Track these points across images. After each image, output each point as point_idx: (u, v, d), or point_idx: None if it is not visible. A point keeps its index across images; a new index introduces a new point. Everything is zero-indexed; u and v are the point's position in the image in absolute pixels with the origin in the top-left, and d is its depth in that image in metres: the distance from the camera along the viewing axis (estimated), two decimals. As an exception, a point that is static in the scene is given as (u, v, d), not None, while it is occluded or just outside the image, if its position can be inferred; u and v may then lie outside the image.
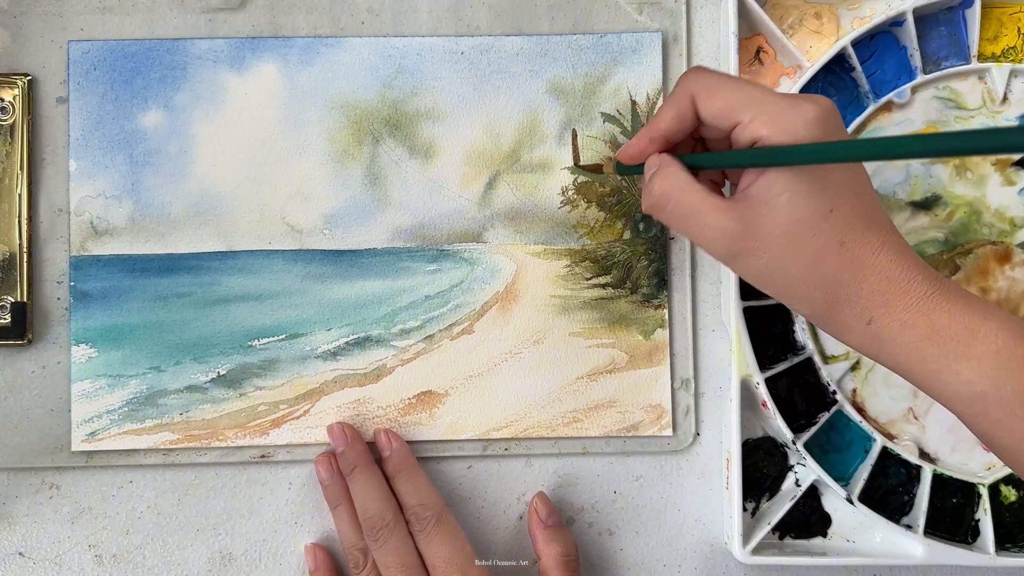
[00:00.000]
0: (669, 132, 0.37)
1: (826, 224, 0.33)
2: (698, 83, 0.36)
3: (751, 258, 0.34)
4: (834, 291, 0.34)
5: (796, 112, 0.33)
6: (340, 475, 0.44)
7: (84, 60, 0.45)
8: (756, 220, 0.34)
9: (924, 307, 0.33)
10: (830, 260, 0.34)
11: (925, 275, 0.34)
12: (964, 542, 0.45)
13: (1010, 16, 0.46)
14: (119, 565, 0.45)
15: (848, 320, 0.34)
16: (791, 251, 0.34)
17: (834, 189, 0.34)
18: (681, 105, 0.36)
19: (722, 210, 0.34)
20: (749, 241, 0.34)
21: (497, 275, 0.45)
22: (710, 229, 0.35)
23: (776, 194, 0.34)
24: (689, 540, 0.46)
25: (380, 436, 0.44)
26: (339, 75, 0.45)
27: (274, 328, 0.45)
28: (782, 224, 0.34)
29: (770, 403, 0.44)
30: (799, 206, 0.33)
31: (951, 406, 0.34)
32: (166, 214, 0.45)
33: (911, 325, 0.33)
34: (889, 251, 0.34)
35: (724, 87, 0.35)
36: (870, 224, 0.34)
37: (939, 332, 0.33)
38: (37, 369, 0.44)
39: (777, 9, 0.46)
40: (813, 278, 0.34)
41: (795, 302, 0.35)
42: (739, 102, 0.34)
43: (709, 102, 0.35)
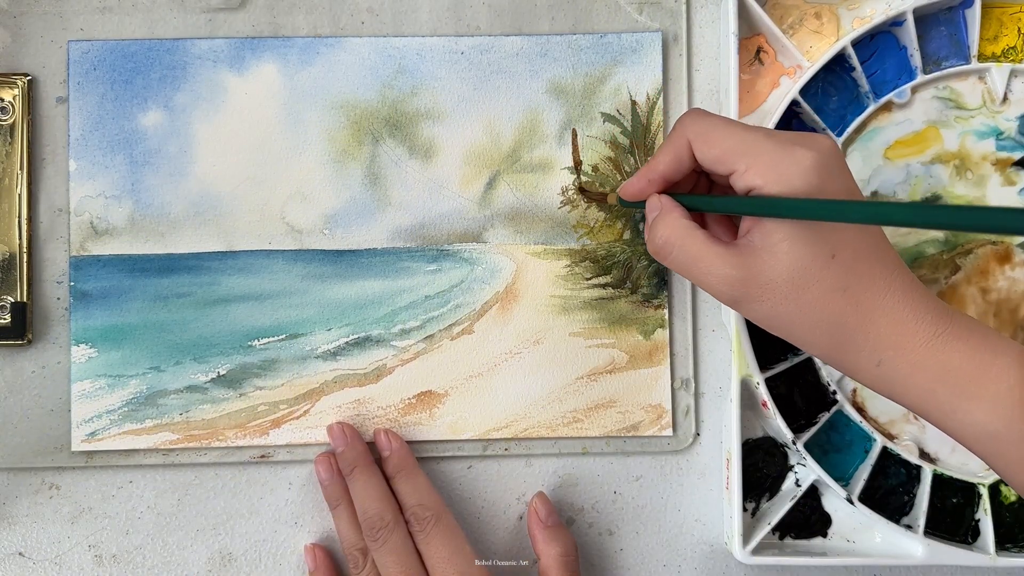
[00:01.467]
0: (667, 174, 0.37)
1: (828, 271, 0.33)
2: (694, 129, 0.36)
3: (755, 304, 0.34)
4: (840, 335, 0.34)
5: (791, 160, 0.33)
6: (340, 475, 0.44)
7: (84, 60, 0.45)
8: (758, 267, 0.34)
9: (934, 347, 0.33)
10: (834, 305, 0.33)
11: (935, 314, 0.33)
12: (964, 542, 0.45)
13: (1010, 16, 0.46)
14: (119, 565, 0.45)
15: (857, 362, 0.34)
16: (794, 297, 0.34)
17: (835, 235, 0.34)
18: (678, 149, 0.37)
19: (723, 257, 0.35)
20: (752, 288, 0.34)
21: (497, 275, 0.45)
22: (712, 276, 0.35)
23: (776, 241, 0.34)
24: (689, 540, 0.46)
25: (380, 436, 0.44)
26: (339, 75, 0.45)
27: (274, 328, 0.45)
28: (783, 271, 0.34)
29: (770, 403, 0.43)
30: (800, 253, 0.33)
31: (966, 444, 0.34)
32: (166, 214, 0.45)
33: (921, 367, 0.33)
34: (895, 292, 0.34)
35: (720, 133, 0.35)
36: (874, 266, 0.34)
37: (950, 373, 0.33)
38: (37, 369, 0.44)
39: (777, 9, 0.46)
40: (818, 323, 0.34)
41: (803, 345, 0.35)
42: (734, 150, 0.34)
43: (705, 148, 0.36)
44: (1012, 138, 0.46)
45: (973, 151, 0.46)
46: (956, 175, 0.46)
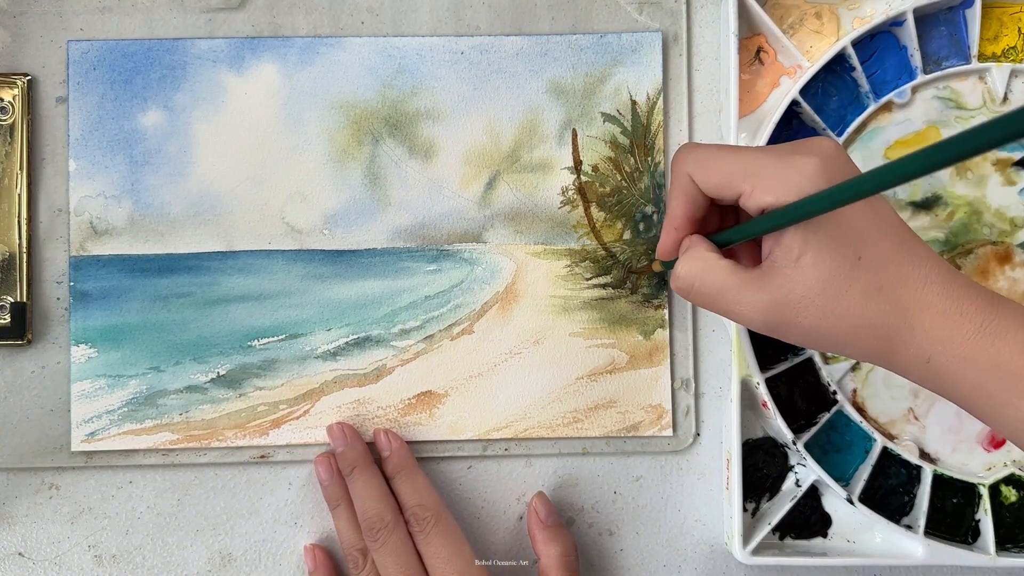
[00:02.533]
0: (687, 215, 0.37)
1: (857, 273, 0.33)
2: (692, 163, 0.36)
3: (792, 326, 0.34)
4: (885, 335, 0.33)
5: (794, 170, 0.33)
6: (339, 475, 0.43)
7: (84, 60, 0.45)
8: (787, 286, 0.33)
9: (982, 340, 0.32)
10: (872, 307, 0.33)
11: (979, 303, 0.33)
12: (964, 542, 0.45)
13: (1010, 16, 0.46)
14: (119, 565, 0.45)
15: (906, 361, 0.34)
16: (830, 308, 0.33)
17: (856, 235, 0.33)
18: (685, 187, 0.36)
19: (749, 283, 0.34)
20: (787, 310, 0.33)
21: (497, 275, 0.45)
22: (741, 305, 0.34)
23: (798, 255, 0.33)
24: (689, 540, 0.46)
25: (380, 436, 0.44)
26: (339, 75, 0.45)
27: (274, 328, 0.45)
28: (812, 284, 0.33)
29: (770, 403, 0.43)
30: (824, 262, 0.33)
31: (1018, 442, 0.33)
32: (166, 214, 0.45)
33: (971, 361, 0.32)
34: (933, 284, 0.33)
35: (717, 161, 0.35)
36: (904, 260, 0.33)
37: (1000, 368, 0.32)
38: (37, 369, 0.44)
39: (777, 9, 0.46)
40: (860, 328, 0.33)
41: (850, 353, 0.34)
42: (735, 173, 0.34)
43: (706, 179, 0.35)
44: (1012, 138, 0.46)
45: (973, 151, 0.46)
46: (956, 175, 0.46)
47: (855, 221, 0.33)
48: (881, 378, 0.45)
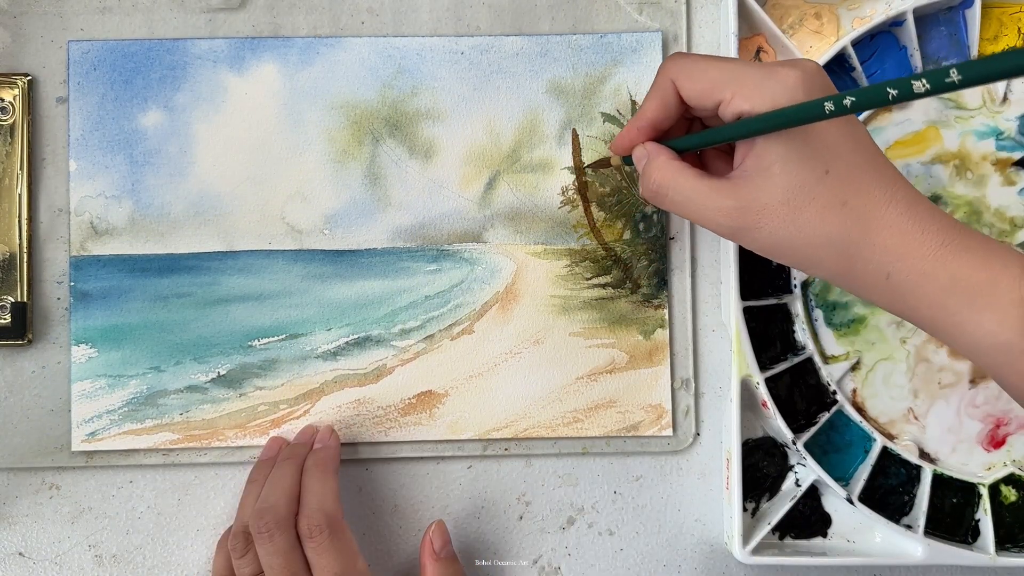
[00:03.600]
0: (656, 120, 0.37)
1: (823, 186, 0.33)
2: (677, 68, 0.36)
3: (754, 232, 0.34)
4: (846, 250, 0.34)
5: (774, 80, 0.33)
6: (273, 460, 0.43)
7: (84, 60, 0.45)
8: (753, 194, 0.34)
9: (942, 257, 0.33)
10: (834, 220, 0.33)
11: (940, 224, 0.33)
12: (964, 542, 0.45)
13: (1010, 16, 0.46)
14: (119, 565, 0.45)
15: (866, 277, 0.34)
16: (792, 217, 0.34)
17: (827, 150, 0.33)
18: (663, 92, 0.37)
19: (717, 190, 0.35)
20: (750, 216, 0.34)
21: (497, 275, 0.45)
22: (708, 210, 0.35)
23: (768, 164, 0.34)
24: (689, 540, 0.46)
25: (324, 430, 0.44)
26: (339, 75, 0.45)
27: (274, 328, 0.45)
28: (778, 193, 0.34)
29: (770, 403, 0.44)
30: (792, 172, 0.33)
31: (975, 358, 0.33)
32: (166, 214, 0.45)
33: (931, 277, 0.33)
34: (898, 204, 0.33)
35: (702, 68, 0.35)
36: (872, 179, 0.34)
37: (959, 283, 0.32)
38: (37, 369, 0.44)
39: (777, 9, 0.46)
40: (820, 241, 0.34)
41: (809, 267, 0.35)
42: (718, 81, 0.35)
43: (689, 85, 0.36)
44: (1012, 138, 0.46)
45: (973, 151, 0.46)
46: (956, 175, 0.46)
47: (827, 136, 0.34)
48: (881, 378, 0.45)
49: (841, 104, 0.30)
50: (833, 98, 0.30)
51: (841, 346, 0.45)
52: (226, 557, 0.41)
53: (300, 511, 0.40)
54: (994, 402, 0.45)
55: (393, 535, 0.45)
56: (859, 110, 0.30)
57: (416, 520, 0.45)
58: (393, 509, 0.45)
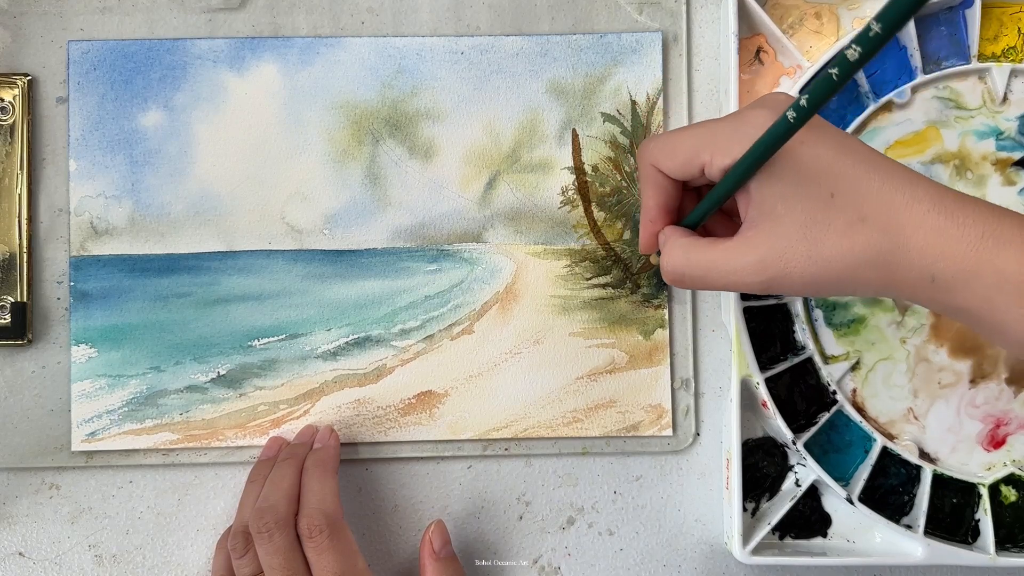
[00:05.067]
0: (661, 205, 0.37)
1: (834, 210, 0.32)
2: (653, 151, 0.36)
3: (786, 279, 0.33)
4: (881, 264, 0.32)
5: (746, 125, 0.33)
6: (273, 460, 0.43)
7: (84, 60, 0.45)
8: (768, 241, 0.33)
9: (984, 251, 0.31)
10: (860, 239, 0.32)
11: (974, 214, 0.32)
12: (964, 542, 0.45)
13: (1010, 16, 0.46)
14: (119, 565, 0.45)
15: (910, 284, 0.32)
16: (815, 252, 0.32)
17: (822, 173, 0.32)
18: (652, 179, 0.37)
19: (733, 251, 0.34)
20: (773, 265, 0.33)
21: (497, 275, 0.45)
22: (733, 274, 0.34)
23: (771, 207, 0.33)
24: (689, 540, 0.46)
25: (324, 430, 0.44)
26: (339, 75, 0.45)
27: (274, 328, 0.45)
28: (792, 232, 0.33)
29: (770, 403, 0.44)
30: (797, 207, 0.32)
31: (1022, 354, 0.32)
32: (166, 214, 0.45)
33: (976, 274, 0.31)
34: (921, 203, 0.32)
35: (674, 142, 0.35)
36: (883, 186, 0.32)
37: (1007, 278, 0.31)
38: (37, 369, 0.44)
39: (777, 9, 0.46)
40: (854, 263, 0.32)
41: (855, 292, 0.34)
42: (693, 147, 0.35)
43: (669, 163, 0.36)
44: (1012, 138, 0.46)
45: (973, 151, 0.46)
46: (956, 175, 0.46)
47: (819, 160, 0.33)
48: (881, 378, 0.45)
49: (799, 106, 0.29)
50: (791, 106, 0.29)
51: (841, 346, 0.45)
52: (226, 557, 0.41)
53: (300, 511, 0.40)
54: (994, 402, 0.45)
55: (393, 535, 0.45)
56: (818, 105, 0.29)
57: (416, 520, 0.45)
58: (393, 509, 0.45)
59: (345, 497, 0.45)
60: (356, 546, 0.40)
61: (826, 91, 0.28)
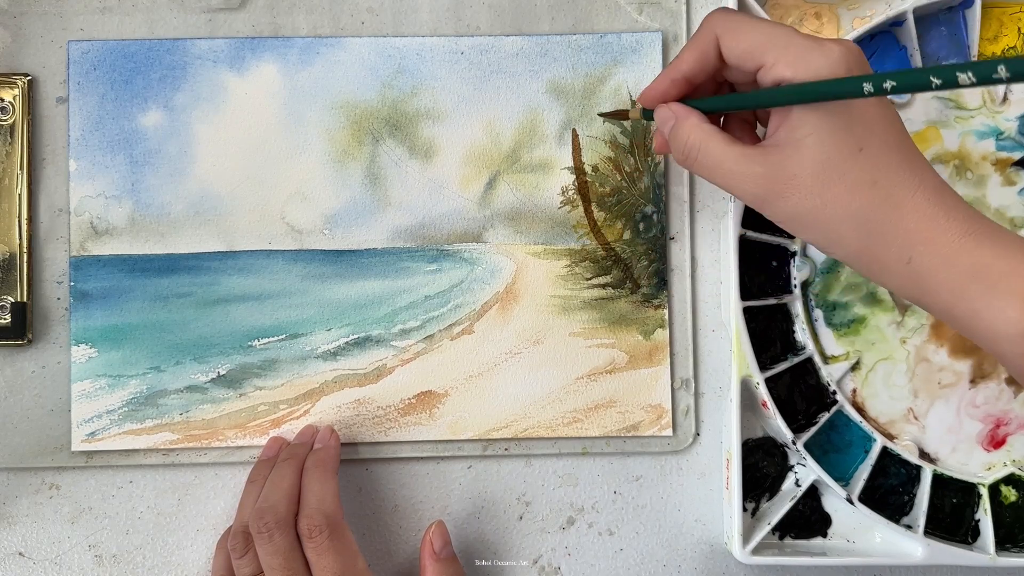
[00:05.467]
0: (691, 73, 0.37)
1: (855, 163, 0.33)
2: (723, 24, 0.36)
3: (780, 201, 0.34)
4: (868, 230, 0.33)
5: (819, 52, 0.33)
6: (273, 460, 0.42)
7: (84, 60, 0.45)
8: (783, 163, 0.34)
9: (965, 244, 0.33)
10: (863, 199, 0.33)
11: (965, 213, 0.33)
12: (964, 542, 0.45)
13: (1010, 16, 0.46)
14: (119, 565, 0.45)
15: (886, 259, 0.34)
16: (820, 191, 0.33)
17: (863, 128, 0.33)
18: (704, 46, 0.36)
19: (748, 156, 0.35)
20: (777, 184, 0.34)
21: (497, 275, 0.45)
22: (736, 176, 0.35)
23: (803, 135, 0.33)
24: (689, 540, 0.46)
25: (324, 430, 0.44)
26: (339, 75, 0.45)
27: (274, 328, 0.45)
28: (809, 165, 0.33)
29: (770, 403, 0.44)
30: (826, 145, 0.33)
31: (992, 346, 0.33)
32: (166, 214, 0.45)
33: (952, 263, 0.33)
34: (926, 190, 0.33)
35: (749, 28, 0.35)
36: (903, 162, 0.34)
37: (981, 270, 0.32)
38: (37, 369, 0.44)
39: (777, 9, 0.46)
40: (845, 217, 0.33)
41: (830, 244, 0.35)
42: (763, 44, 0.34)
43: (734, 43, 0.35)
44: (1012, 138, 0.46)
45: (973, 151, 0.46)
46: (956, 175, 0.46)
47: (865, 114, 0.33)
48: (881, 378, 0.45)
49: (880, 86, 0.30)
50: (873, 78, 0.30)
51: (841, 346, 0.45)
52: (226, 557, 0.41)
53: (300, 511, 0.40)
54: (994, 402, 0.45)
55: (393, 535, 0.45)
56: (897, 93, 0.30)
57: (416, 520, 0.45)
58: (393, 509, 0.45)
59: (345, 497, 0.45)
60: (356, 546, 0.40)
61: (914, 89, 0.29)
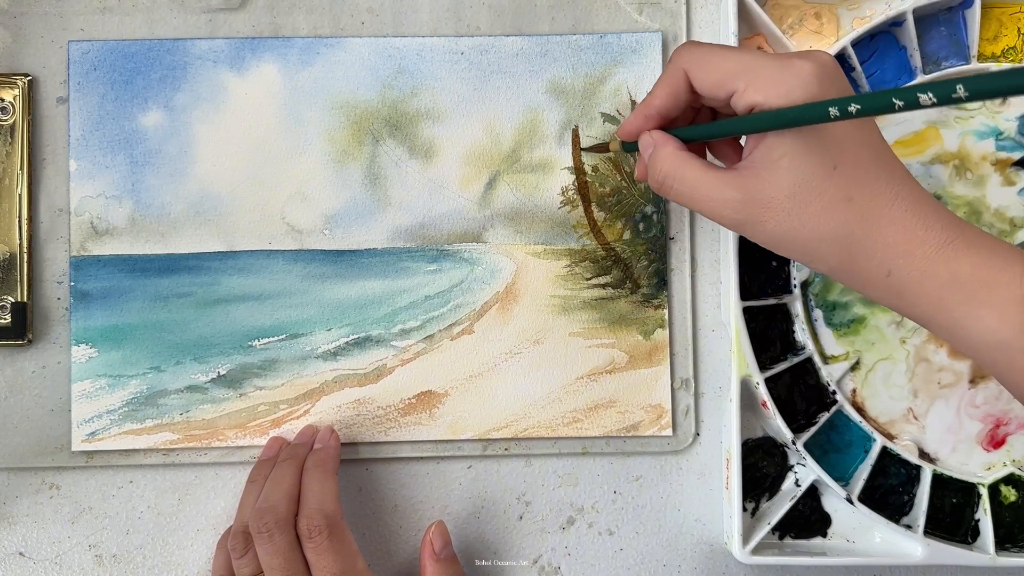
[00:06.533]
0: (664, 108, 0.37)
1: (830, 181, 0.33)
2: (690, 57, 0.36)
3: (759, 225, 0.34)
4: (849, 246, 0.34)
5: (789, 73, 0.33)
6: (273, 460, 0.43)
7: (84, 60, 0.45)
8: (759, 186, 0.34)
9: (944, 255, 0.33)
10: (840, 216, 0.33)
11: (944, 222, 0.33)
12: (964, 542, 0.45)
13: (1010, 16, 0.46)
14: (119, 565, 0.45)
15: (867, 273, 0.34)
16: (798, 212, 0.34)
17: (836, 146, 0.33)
18: (674, 81, 0.36)
19: (723, 180, 0.35)
20: (754, 208, 0.34)
21: (497, 275, 0.46)
22: (713, 201, 0.35)
23: (777, 157, 0.34)
24: (689, 540, 0.46)
25: (324, 430, 0.44)
26: (339, 75, 0.45)
27: (274, 328, 0.45)
28: (785, 187, 0.34)
29: (770, 403, 0.44)
30: (801, 168, 0.33)
31: (975, 355, 0.34)
32: (166, 214, 0.45)
33: (931, 275, 0.33)
34: (903, 201, 0.34)
35: (716, 58, 0.35)
36: (879, 176, 0.34)
37: (960, 279, 0.33)
38: (37, 369, 0.44)
39: (777, 9, 0.46)
40: (825, 236, 0.34)
41: (811, 262, 0.35)
42: (732, 71, 0.34)
43: (702, 75, 0.35)
44: (1012, 138, 0.46)
45: (973, 151, 0.46)
46: (956, 175, 0.46)
47: (838, 131, 0.34)
48: (881, 378, 0.45)
49: (846, 111, 0.30)
50: (838, 103, 0.30)
51: (841, 346, 0.45)
52: (226, 557, 0.41)
53: (300, 511, 0.40)
54: (994, 402, 0.45)
55: (393, 535, 0.45)
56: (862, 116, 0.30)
57: (416, 520, 0.45)
58: (393, 509, 0.45)
59: (345, 497, 0.45)
60: (356, 547, 0.40)
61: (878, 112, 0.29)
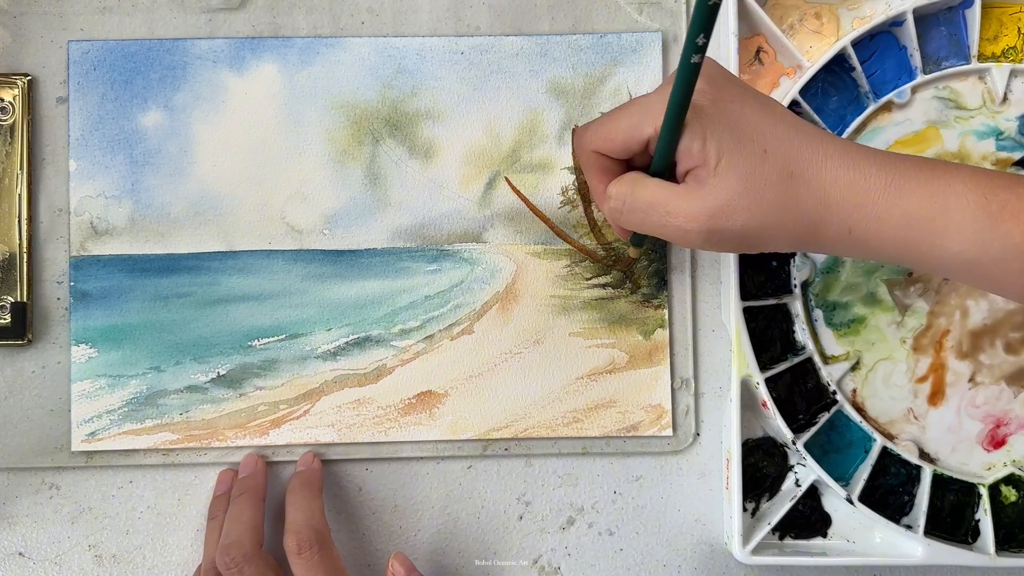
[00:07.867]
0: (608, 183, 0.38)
1: (768, 166, 0.34)
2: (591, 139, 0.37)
3: (727, 231, 0.35)
4: (808, 218, 0.35)
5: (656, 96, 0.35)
6: (228, 495, 0.43)
7: (84, 60, 0.45)
8: (713, 193, 0.34)
9: (890, 196, 0.34)
10: (791, 193, 0.34)
11: (878, 166, 0.34)
12: (964, 542, 0.45)
13: (1010, 16, 0.46)
14: (119, 565, 0.45)
15: (832, 237, 0.35)
16: (755, 205, 0.34)
17: (755, 132, 0.34)
18: (596, 165, 0.37)
19: (679, 195, 0.35)
20: (718, 216, 0.34)
21: (497, 275, 0.46)
22: (674, 217, 0.35)
23: (714, 163, 0.34)
24: (689, 540, 0.46)
25: (306, 455, 0.44)
26: (339, 75, 0.45)
27: (274, 328, 0.45)
28: (735, 185, 0.34)
29: (770, 403, 0.44)
30: (738, 163, 0.34)
31: (954, 277, 0.35)
32: (166, 214, 0.45)
33: (886, 219, 0.34)
34: (833, 157, 0.35)
35: (610, 125, 0.36)
36: (803, 143, 0.35)
37: (914, 217, 0.34)
38: (37, 369, 0.44)
39: (777, 9, 0.46)
40: (787, 216, 0.35)
41: (787, 246, 0.36)
42: (632, 126, 0.35)
43: (611, 146, 0.36)
44: (1012, 138, 0.46)
45: (973, 151, 0.46)
46: (956, 175, 0.46)
47: (749, 119, 0.35)
48: (881, 378, 0.45)
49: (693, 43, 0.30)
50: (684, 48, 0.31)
51: (841, 346, 0.45)
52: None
53: (287, 528, 0.40)
54: (994, 402, 0.45)
55: (393, 535, 0.45)
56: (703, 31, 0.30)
57: (416, 520, 0.45)
58: (393, 509, 0.45)
59: (345, 497, 0.45)
60: (343, 564, 0.40)
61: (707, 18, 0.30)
